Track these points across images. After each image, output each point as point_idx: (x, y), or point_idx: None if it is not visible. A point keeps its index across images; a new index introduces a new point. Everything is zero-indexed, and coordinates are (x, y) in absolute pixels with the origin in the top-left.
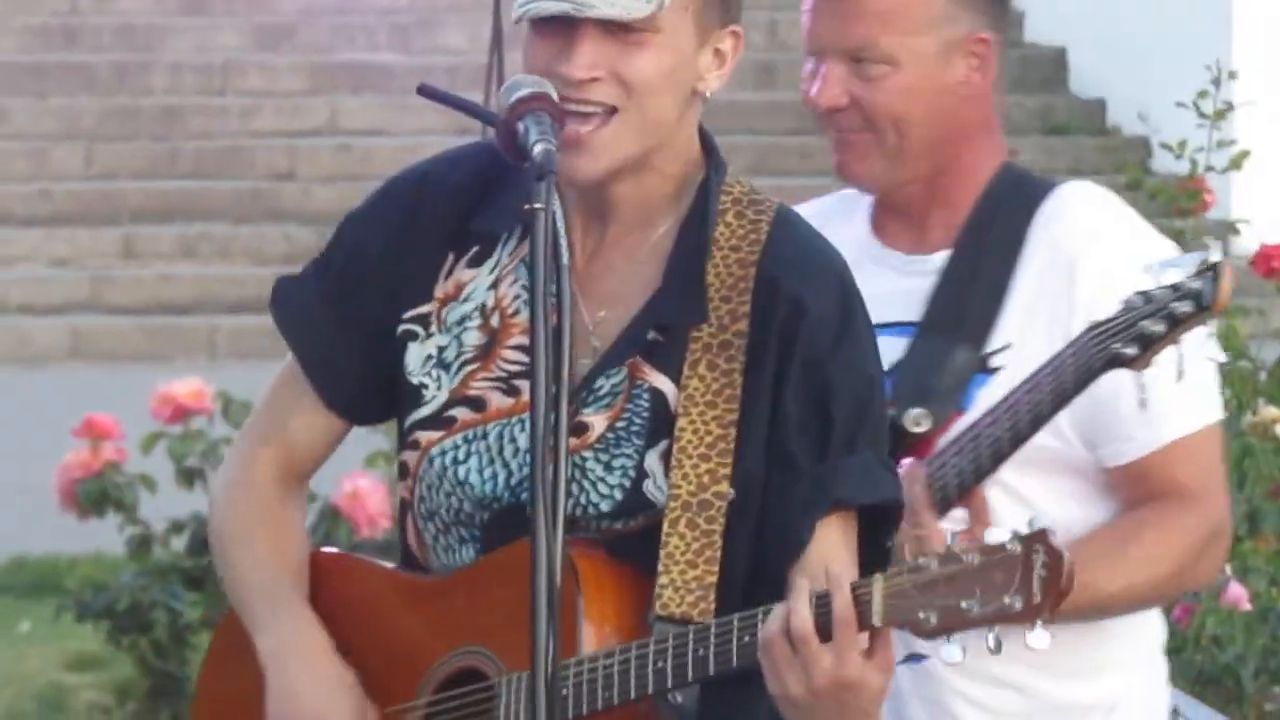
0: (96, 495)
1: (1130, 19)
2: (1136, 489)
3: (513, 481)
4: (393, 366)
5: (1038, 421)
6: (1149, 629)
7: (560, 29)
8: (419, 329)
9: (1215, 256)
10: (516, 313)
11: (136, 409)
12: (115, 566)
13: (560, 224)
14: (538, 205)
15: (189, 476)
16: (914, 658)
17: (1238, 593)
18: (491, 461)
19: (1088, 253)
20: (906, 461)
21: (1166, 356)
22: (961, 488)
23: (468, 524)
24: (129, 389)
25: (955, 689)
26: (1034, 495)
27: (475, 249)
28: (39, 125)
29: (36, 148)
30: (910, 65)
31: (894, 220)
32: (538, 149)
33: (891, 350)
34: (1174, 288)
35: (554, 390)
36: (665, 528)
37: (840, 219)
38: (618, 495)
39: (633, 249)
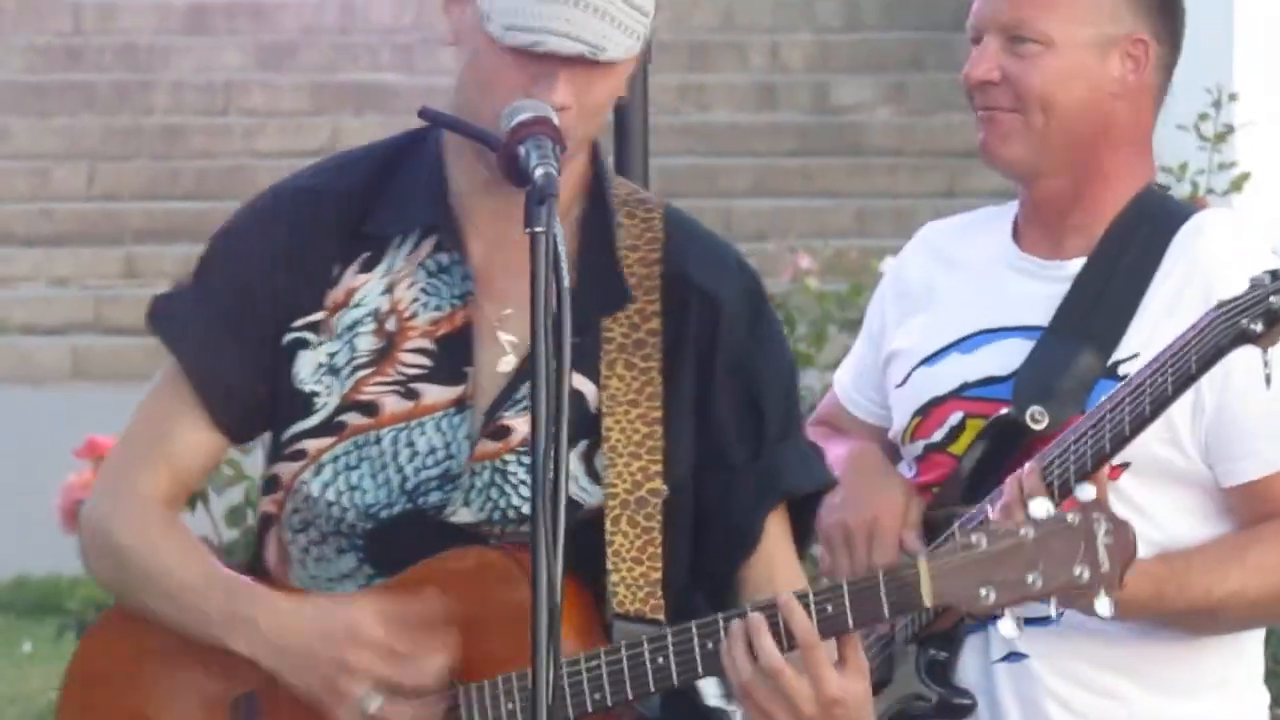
0: None
1: None
2: (1256, 508)
3: (408, 486)
4: (276, 380)
5: (1160, 403)
6: (1250, 657)
7: (549, 58)
8: (310, 336)
9: None
10: (415, 315)
11: None
12: None
13: (561, 247)
14: (538, 229)
15: (190, 498)
16: (1013, 656)
17: None
18: (384, 467)
19: (1225, 277)
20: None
21: None
22: (1081, 472)
23: (349, 533)
24: (131, 409)
25: (1050, 690)
26: (1155, 507)
27: (366, 254)
28: (41, 145)
29: (38, 167)
30: (1065, 49)
31: (1034, 226)
32: (539, 172)
33: (1020, 351)
34: None
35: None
36: (608, 526)
37: (986, 227)
38: None
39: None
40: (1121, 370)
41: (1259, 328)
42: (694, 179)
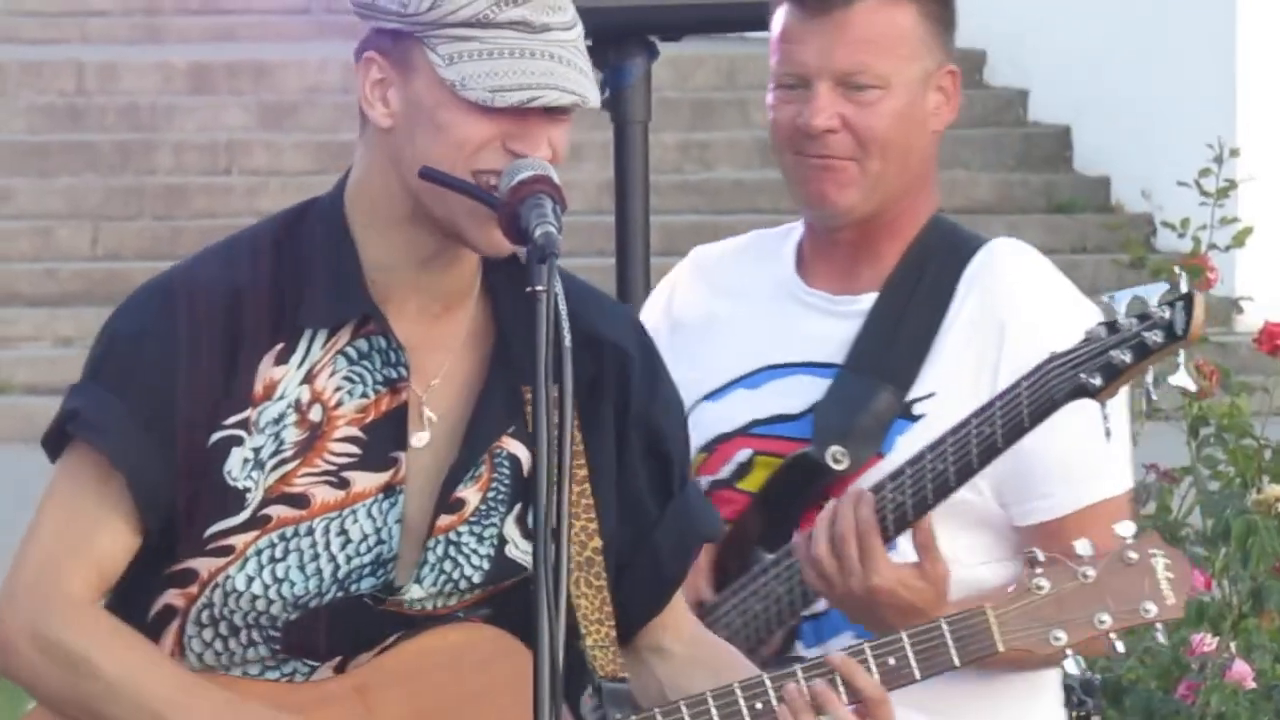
0: None
1: (1134, 97)
2: (1049, 550)
3: (340, 574)
4: (204, 478)
5: (989, 454)
6: (1051, 691)
7: (527, 115)
8: (242, 433)
9: (1185, 287)
10: (340, 404)
11: None
12: None
13: (563, 306)
14: (540, 288)
15: None
16: None
17: (1242, 670)
18: (315, 557)
19: (1018, 310)
20: (852, 488)
21: (1121, 396)
22: (901, 522)
23: (269, 625)
24: None
25: None
26: (953, 550)
27: (280, 345)
28: (44, 205)
29: (42, 227)
30: (899, 90)
31: (822, 261)
32: (539, 232)
33: (814, 390)
34: (1141, 317)
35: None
36: (571, 591)
37: (763, 256)
38: (486, 565)
39: (452, 319)
40: (916, 410)
41: (1098, 381)
42: (697, 236)
